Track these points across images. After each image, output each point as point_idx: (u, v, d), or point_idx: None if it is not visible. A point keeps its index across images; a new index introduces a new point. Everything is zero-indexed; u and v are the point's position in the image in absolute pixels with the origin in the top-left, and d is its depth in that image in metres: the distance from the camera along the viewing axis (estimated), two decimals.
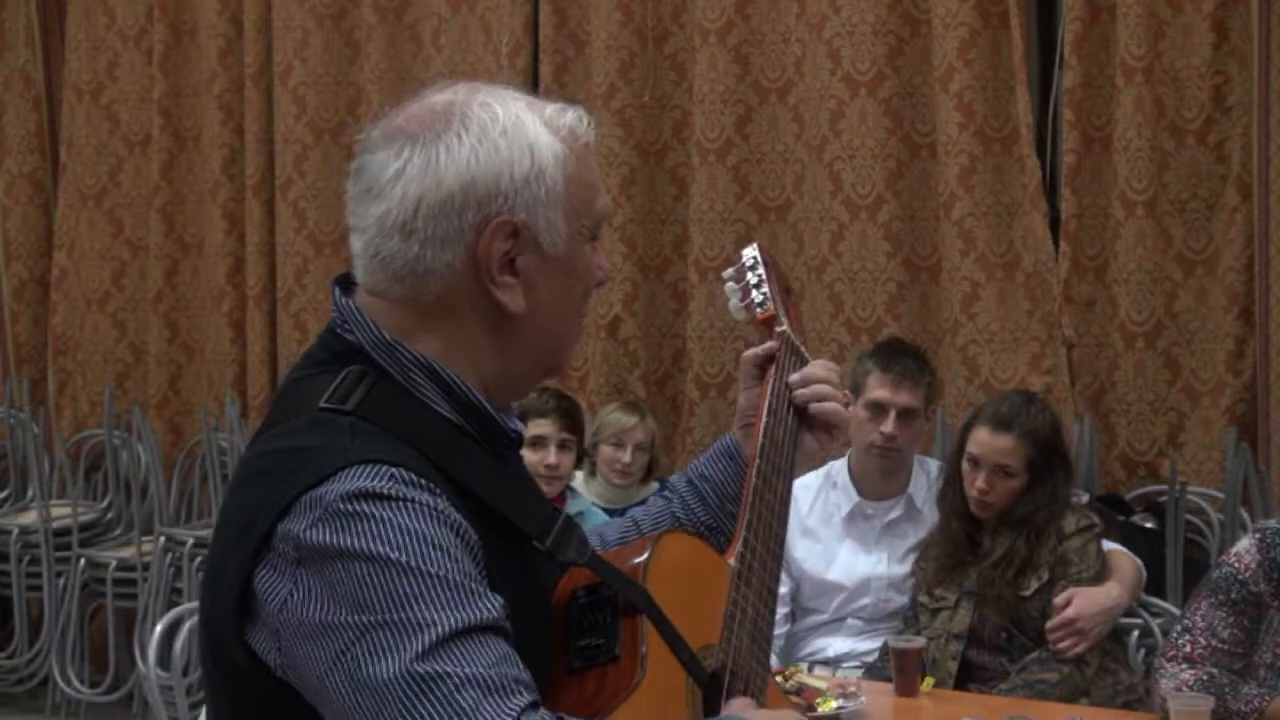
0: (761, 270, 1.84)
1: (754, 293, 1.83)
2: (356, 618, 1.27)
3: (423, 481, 1.33)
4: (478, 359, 1.46)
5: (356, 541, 1.29)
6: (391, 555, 1.28)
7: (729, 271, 1.87)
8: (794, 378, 1.77)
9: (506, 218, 1.42)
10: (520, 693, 1.27)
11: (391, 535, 1.29)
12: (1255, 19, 4.27)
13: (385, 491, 1.31)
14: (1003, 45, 4.48)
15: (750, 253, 1.86)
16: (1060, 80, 4.48)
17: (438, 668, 1.25)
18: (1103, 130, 4.44)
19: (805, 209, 4.80)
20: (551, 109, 1.47)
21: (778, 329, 1.80)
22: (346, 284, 1.50)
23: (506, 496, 1.43)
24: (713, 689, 1.46)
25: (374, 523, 1.29)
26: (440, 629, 1.26)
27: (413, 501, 1.31)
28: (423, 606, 1.27)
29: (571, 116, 1.48)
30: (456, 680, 1.25)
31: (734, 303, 1.85)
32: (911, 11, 4.63)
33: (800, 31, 4.77)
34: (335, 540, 1.29)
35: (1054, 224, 4.47)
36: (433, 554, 1.29)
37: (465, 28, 5.24)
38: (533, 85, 5.06)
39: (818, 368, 1.79)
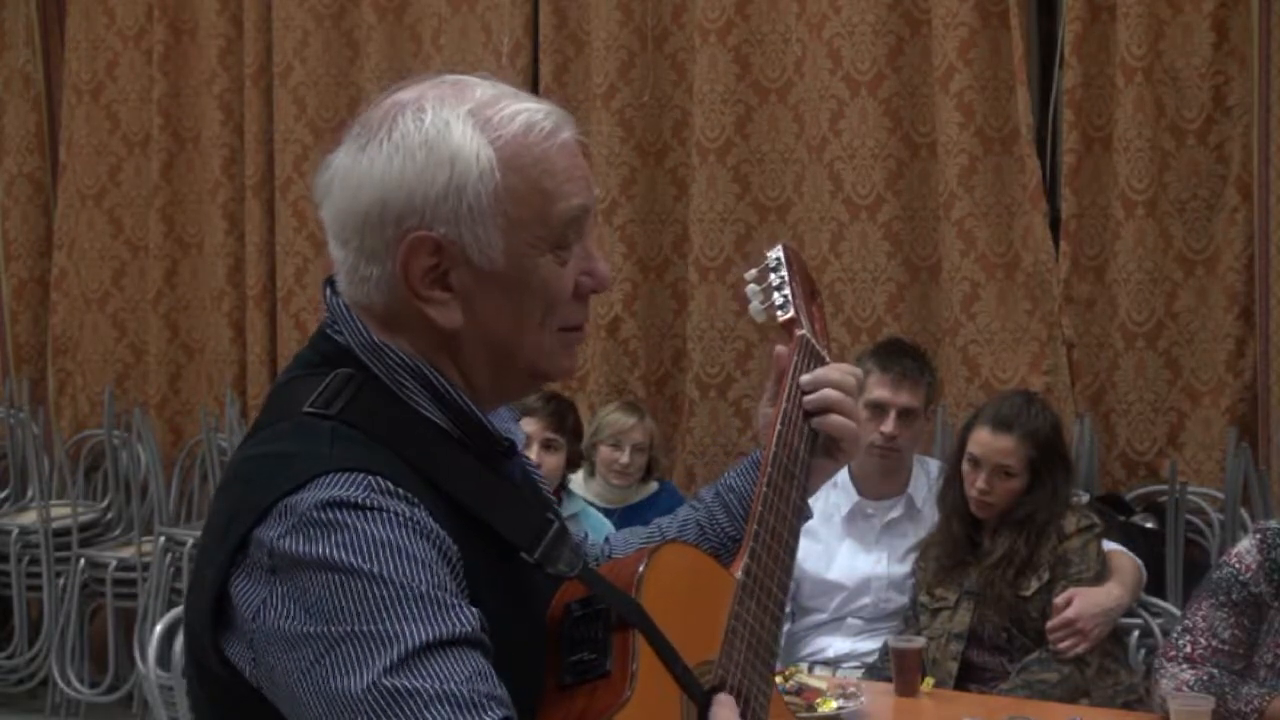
0: (784, 272, 1.78)
1: (775, 294, 1.76)
2: (327, 629, 1.24)
3: (400, 490, 1.30)
4: (444, 369, 1.42)
5: (329, 551, 1.26)
6: (363, 566, 1.25)
7: (751, 273, 1.80)
8: (805, 378, 1.69)
9: (425, 233, 1.36)
10: (492, 709, 1.23)
11: (364, 545, 1.26)
12: (1255, 19, 4.27)
13: (360, 500, 1.28)
14: (1003, 45, 4.48)
15: (775, 254, 1.80)
16: (1060, 80, 4.48)
17: (407, 683, 1.21)
18: (1103, 130, 4.44)
19: (805, 209, 4.80)
20: (506, 111, 1.39)
21: (797, 332, 1.74)
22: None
23: (494, 505, 1.38)
24: (710, 706, 1.41)
25: (347, 532, 1.26)
26: (411, 641, 1.23)
27: (387, 511, 1.28)
28: (394, 618, 1.24)
29: (526, 117, 1.39)
30: (426, 696, 1.21)
31: (754, 305, 1.78)
32: (911, 11, 4.63)
33: (800, 31, 4.77)
34: (308, 549, 1.27)
35: (1054, 224, 4.47)
36: (406, 565, 1.26)
37: (465, 28, 5.24)
38: (533, 85, 5.07)
39: (832, 370, 1.71)
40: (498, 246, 1.38)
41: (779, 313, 1.76)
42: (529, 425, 3.89)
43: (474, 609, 1.29)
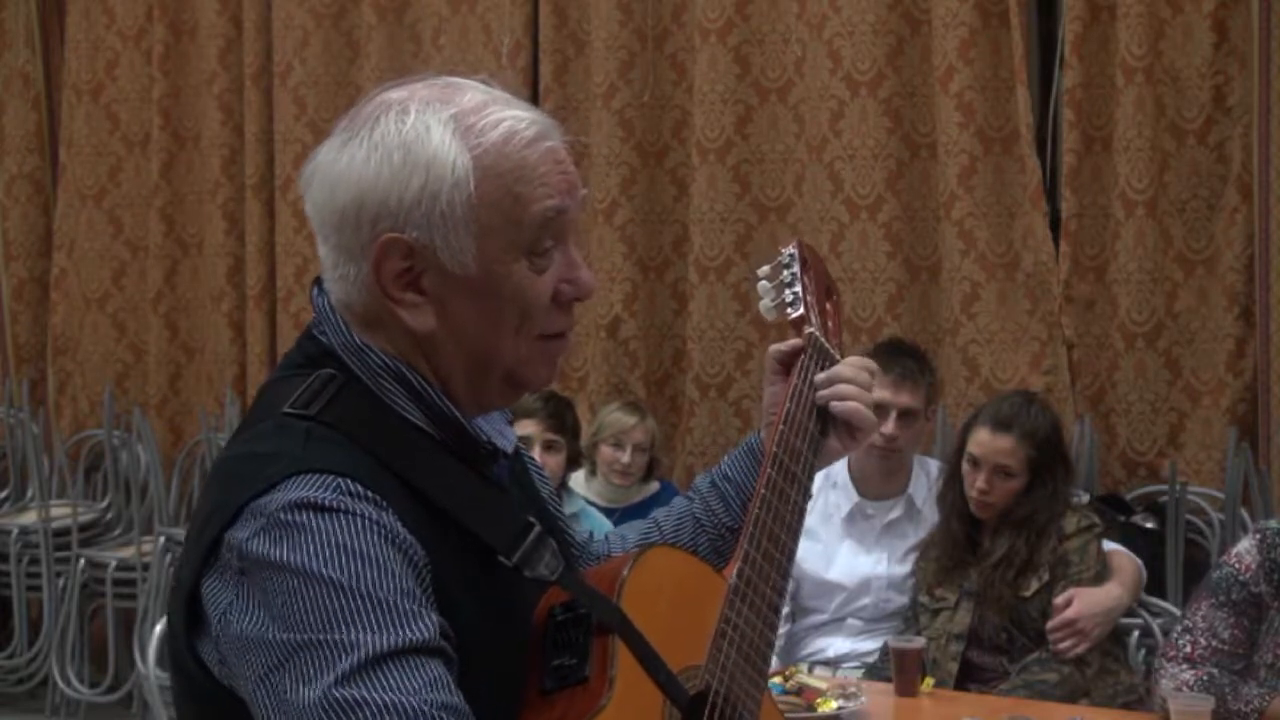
0: (796, 268, 1.77)
1: (785, 292, 1.75)
2: (286, 636, 1.24)
3: (369, 494, 1.29)
4: (422, 371, 1.41)
5: (292, 555, 1.26)
6: (324, 571, 1.25)
7: (764, 269, 1.79)
8: (819, 377, 1.68)
9: (397, 236, 1.35)
10: (445, 719, 1.23)
11: (326, 550, 1.26)
12: (1255, 19, 4.27)
13: (327, 503, 1.27)
14: (1003, 45, 4.48)
15: (789, 250, 1.79)
16: (1060, 80, 4.48)
17: (357, 694, 1.21)
18: (1103, 130, 4.44)
19: (805, 209, 4.80)
20: (490, 118, 1.38)
21: (806, 330, 1.72)
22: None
23: (472, 509, 1.37)
24: (694, 712, 1.39)
25: (310, 535, 1.26)
26: (366, 651, 1.23)
27: (354, 514, 1.28)
28: (350, 627, 1.23)
29: (509, 125, 1.37)
30: (375, 707, 1.21)
31: (765, 302, 1.77)
32: (911, 11, 4.63)
33: (800, 31, 4.77)
34: (272, 552, 1.26)
35: (1054, 224, 4.47)
36: (367, 571, 1.25)
37: (465, 28, 5.24)
38: (533, 85, 5.07)
39: (845, 367, 1.70)
40: (470, 252, 1.37)
41: (789, 309, 1.75)
42: (530, 427, 3.90)
43: (435, 617, 1.28)
